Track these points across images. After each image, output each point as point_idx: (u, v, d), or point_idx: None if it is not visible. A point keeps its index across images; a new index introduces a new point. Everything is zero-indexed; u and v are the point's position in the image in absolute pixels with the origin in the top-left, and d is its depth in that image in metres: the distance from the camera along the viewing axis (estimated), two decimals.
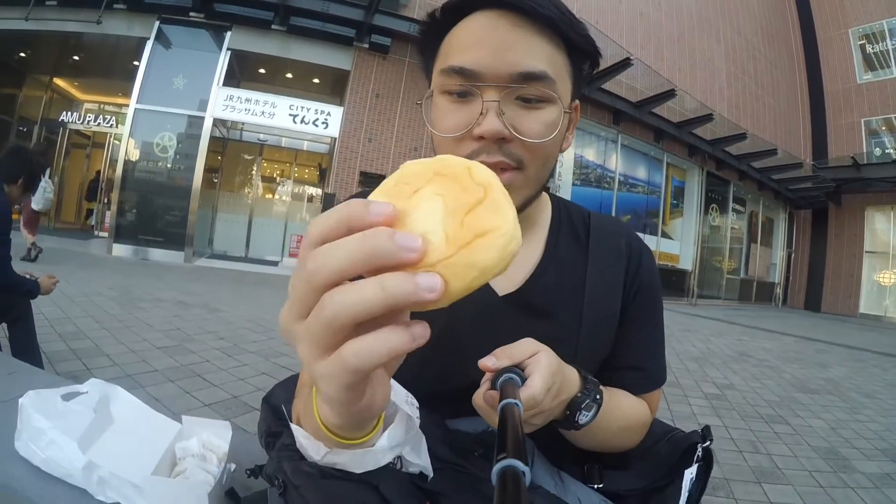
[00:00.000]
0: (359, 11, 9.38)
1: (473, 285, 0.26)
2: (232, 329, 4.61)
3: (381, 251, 0.25)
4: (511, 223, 0.27)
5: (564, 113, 0.64)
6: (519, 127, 0.61)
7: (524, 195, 0.67)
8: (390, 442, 0.44)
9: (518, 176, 0.64)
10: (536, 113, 0.62)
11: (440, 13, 0.66)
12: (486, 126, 0.60)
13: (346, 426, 0.39)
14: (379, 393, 0.35)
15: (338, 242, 0.26)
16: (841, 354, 7.71)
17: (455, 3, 0.64)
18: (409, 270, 0.25)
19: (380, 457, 0.44)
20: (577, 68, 0.68)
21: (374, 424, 0.42)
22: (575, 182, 12.58)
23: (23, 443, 0.78)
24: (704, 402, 4.03)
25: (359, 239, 0.26)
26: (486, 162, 0.61)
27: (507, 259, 0.27)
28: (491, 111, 0.60)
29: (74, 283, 5.54)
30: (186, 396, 2.88)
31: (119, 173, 9.42)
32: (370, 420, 0.39)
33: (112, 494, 0.73)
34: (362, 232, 0.26)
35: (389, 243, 0.25)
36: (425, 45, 0.70)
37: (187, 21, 9.52)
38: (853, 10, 19.09)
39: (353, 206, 0.28)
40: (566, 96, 0.65)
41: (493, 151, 0.61)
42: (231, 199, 11.76)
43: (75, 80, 12.24)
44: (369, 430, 0.41)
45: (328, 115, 10.02)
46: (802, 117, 19.92)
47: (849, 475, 2.79)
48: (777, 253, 19.61)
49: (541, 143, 0.62)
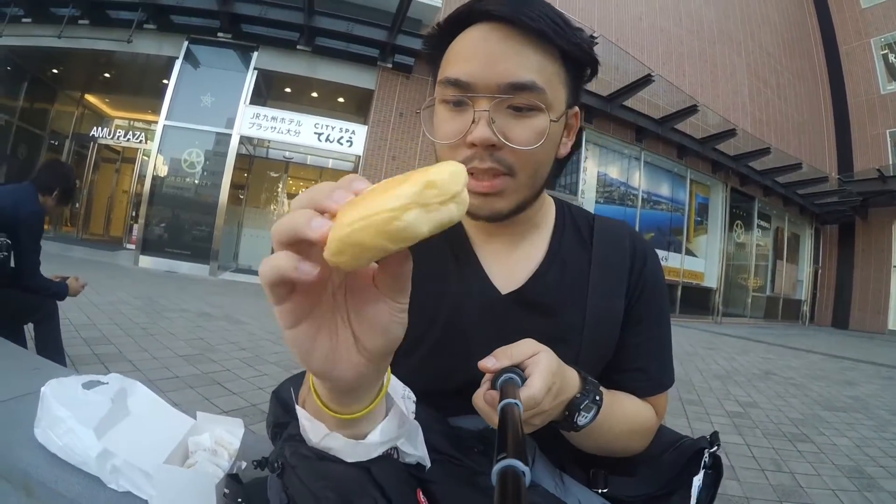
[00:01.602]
0: (382, 32, 9.52)
1: (366, 257, 0.30)
2: (254, 340, 4.66)
3: (299, 229, 0.30)
4: (394, 204, 0.28)
5: (552, 122, 0.65)
6: (508, 134, 0.63)
7: (515, 199, 0.69)
8: (382, 437, 0.46)
9: (509, 181, 0.66)
10: (526, 121, 0.64)
11: (443, 25, 0.69)
12: (476, 134, 0.62)
13: (332, 393, 0.42)
14: (342, 358, 0.38)
15: (283, 217, 0.32)
16: (868, 372, 7.48)
17: (455, 16, 0.67)
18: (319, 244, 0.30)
19: (371, 449, 0.46)
20: (573, 76, 0.69)
21: (366, 401, 0.44)
22: (598, 200, 12.49)
23: (42, 430, 0.81)
24: (727, 419, 3.93)
25: (288, 219, 0.31)
26: (478, 168, 0.64)
27: (385, 237, 0.28)
28: (482, 120, 0.62)
29: (101, 292, 5.67)
30: (205, 403, 2.92)
31: (147, 188, 9.66)
32: (347, 390, 0.42)
33: (124, 483, 0.75)
34: (292, 215, 0.31)
35: (305, 226, 0.30)
36: (431, 56, 0.73)
37: (215, 41, 9.80)
38: (874, 20, 18.82)
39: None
40: (558, 104, 0.67)
41: (484, 158, 0.64)
42: (256, 215, 11.93)
43: (106, 97, 12.61)
44: (361, 406, 0.43)
45: (353, 133, 10.15)
46: (826, 130, 19.54)
47: (874, 494, 2.70)
48: (803, 269, 19.12)
49: (530, 150, 0.64)
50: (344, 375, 0.39)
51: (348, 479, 0.47)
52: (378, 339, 0.38)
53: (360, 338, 0.38)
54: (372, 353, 0.38)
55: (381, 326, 0.37)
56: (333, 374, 0.38)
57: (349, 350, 0.38)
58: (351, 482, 0.48)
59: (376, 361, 0.39)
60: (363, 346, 0.38)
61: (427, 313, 0.72)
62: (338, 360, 0.38)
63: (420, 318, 0.37)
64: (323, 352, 0.37)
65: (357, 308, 0.38)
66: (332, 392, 0.42)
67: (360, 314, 0.37)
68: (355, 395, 0.42)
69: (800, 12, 20.17)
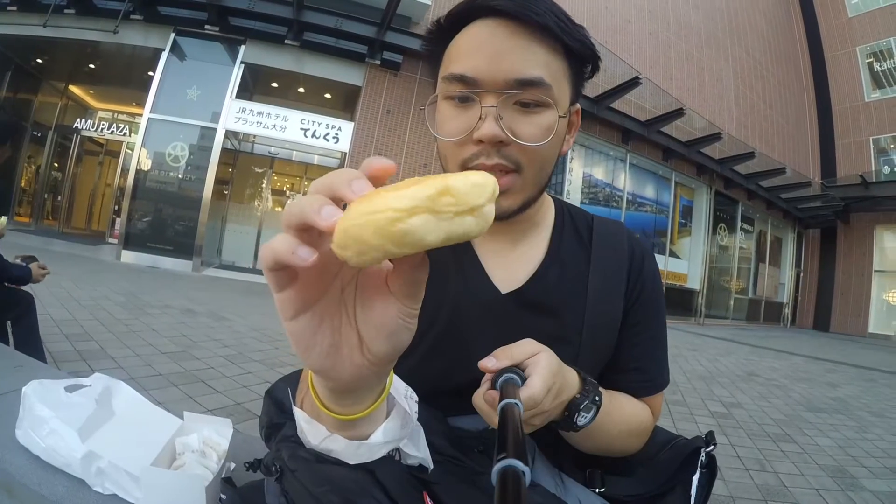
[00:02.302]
0: (371, 28, 9.49)
1: (369, 255, 0.27)
2: (238, 338, 4.61)
3: (307, 215, 0.29)
4: (400, 205, 0.26)
5: (561, 117, 0.65)
6: (516, 131, 0.63)
7: (522, 197, 0.68)
8: (385, 437, 0.45)
9: (516, 179, 0.66)
10: (534, 117, 0.64)
11: (445, 20, 0.68)
12: (484, 130, 0.61)
13: (331, 393, 0.40)
14: (344, 358, 0.36)
15: (297, 200, 0.30)
16: (850, 374, 7.61)
17: (458, 12, 0.66)
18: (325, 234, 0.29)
19: (374, 450, 0.45)
20: (576, 72, 0.69)
21: (367, 403, 0.42)
22: (583, 201, 12.54)
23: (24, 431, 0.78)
24: (711, 420, 3.97)
25: (300, 203, 0.29)
26: (485, 164, 0.63)
27: (386, 238, 0.26)
28: (489, 116, 0.62)
29: (83, 287, 5.57)
30: (189, 401, 2.87)
31: (130, 182, 9.51)
32: (347, 390, 0.40)
33: (109, 486, 0.73)
34: (305, 199, 0.30)
35: (315, 212, 0.28)
36: (431, 52, 0.72)
37: (202, 34, 9.66)
38: (860, 28, 19.17)
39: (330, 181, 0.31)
40: (564, 100, 0.67)
41: (491, 154, 0.63)
42: (241, 211, 11.83)
43: (90, 88, 12.42)
44: (361, 407, 0.42)
45: (339, 129, 10.09)
46: (811, 136, 19.88)
47: (857, 493, 2.74)
48: (786, 272, 19.43)
49: (538, 147, 0.64)
50: (343, 375, 0.37)
51: (351, 482, 0.46)
52: (383, 343, 0.36)
53: (365, 340, 0.36)
54: (375, 357, 0.36)
55: (387, 330, 0.35)
56: (332, 373, 0.37)
57: (352, 350, 0.36)
58: (353, 485, 0.46)
59: (379, 366, 0.38)
60: (367, 348, 0.36)
61: (427, 313, 0.70)
62: (338, 358, 0.36)
63: (420, 318, 0.36)
64: (323, 348, 0.35)
65: (365, 308, 0.36)
66: (331, 392, 0.40)
67: (367, 315, 0.36)
68: (355, 395, 0.41)
69: (787, 19, 20.49)
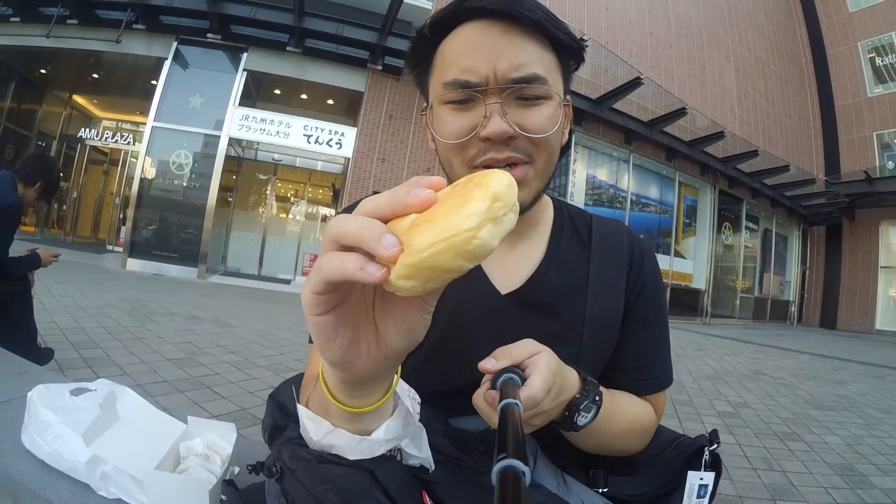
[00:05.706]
0: (372, 34, 9.52)
1: (437, 280, 0.30)
2: (243, 344, 4.62)
3: (365, 242, 0.30)
4: (471, 223, 0.28)
5: (564, 104, 0.67)
6: (522, 124, 0.63)
7: (535, 188, 0.69)
8: (387, 434, 0.45)
9: (528, 169, 0.66)
10: (537, 109, 0.65)
11: (429, 28, 0.68)
12: (492, 128, 0.62)
13: (344, 385, 0.42)
14: (361, 351, 0.38)
15: (351, 219, 0.31)
16: (857, 371, 7.55)
17: (443, 17, 0.66)
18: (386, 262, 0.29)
19: (375, 447, 0.45)
20: (564, 65, 0.70)
21: (376, 396, 0.43)
22: (587, 202, 12.52)
23: (29, 436, 0.79)
24: (718, 419, 3.95)
25: (358, 226, 0.31)
26: (496, 159, 0.64)
27: (465, 257, 0.28)
28: (495, 113, 0.62)
29: (89, 295, 5.60)
30: (195, 407, 2.88)
31: (135, 190, 9.57)
32: (361, 382, 0.41)
33: (114, 490, 0.73)
34: (364, 222, 0.31)
35: (375, 241, 0.29)
36: (418, 59, 0.73)
37: (205, 42, 9.75)
38: (862, 23, 19.12)
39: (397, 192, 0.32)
40: (558, 92, 0.68)
41: (501, 149, 0.64)
42: (245, 218, 11.86)
43: (94, 98, 12.52)
44: (370, 400, 0.43)
45: (342, 135, 10.13)
46: (814, 132, 19.82)
47: (865, 491, 2.72)
48: (791, 270, 19.34)
49: (546, 137, 0.65)
50: (360, 368, 0.39)
51: (351, 482, 0.47)
52: (402, 338, 0.38)
53: (382, 334, 0.38)
54: (392, 351, 0.38)
55: (407, 326, 0.37)
56: (350, 366, 0.39)
57: (370, 344, 0.38)
58: (353, 485, 0.47)
59: (394, 359, 0.40)
60: (385, 342, 0.38)
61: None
62: (357, 352, 0.38)
63: None
64: (344, 342, 0.37)
65: (386, 305, 0.38)
66: (345, 384, 0.42)
67: (388, 311, 0.38)
68: (367, 388, 0.42)
69: (787, 16, 20.45)
